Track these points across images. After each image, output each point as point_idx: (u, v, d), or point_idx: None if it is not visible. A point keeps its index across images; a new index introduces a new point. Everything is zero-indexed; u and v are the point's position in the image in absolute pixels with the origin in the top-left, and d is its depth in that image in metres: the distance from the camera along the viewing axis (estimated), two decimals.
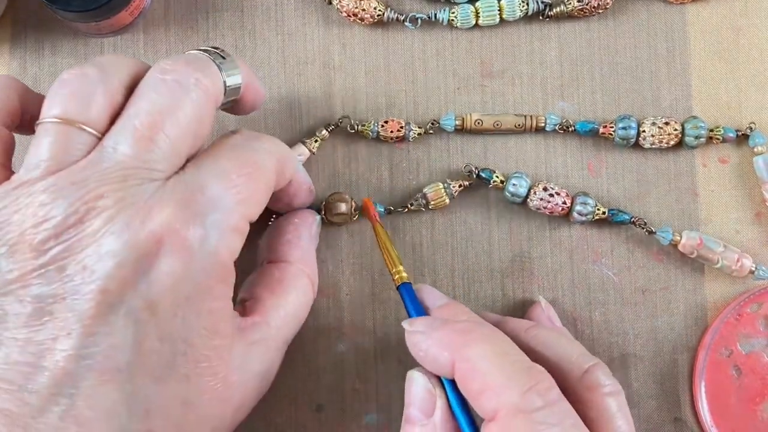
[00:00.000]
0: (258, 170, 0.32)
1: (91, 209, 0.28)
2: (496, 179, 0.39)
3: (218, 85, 0.32)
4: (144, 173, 0.29)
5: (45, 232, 0.28)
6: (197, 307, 0.30)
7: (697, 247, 0.38)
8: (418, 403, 0.31)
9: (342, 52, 0.40)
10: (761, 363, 0.39)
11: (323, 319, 0.39)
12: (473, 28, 0.40)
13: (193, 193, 0.30)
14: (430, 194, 0.39)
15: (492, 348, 0.30)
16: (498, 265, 0.40)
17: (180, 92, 0.30)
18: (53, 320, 0.28)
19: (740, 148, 0.40)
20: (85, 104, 0.30)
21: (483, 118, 0.39)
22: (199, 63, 0.32)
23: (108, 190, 0.29)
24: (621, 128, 0.39)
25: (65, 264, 0.28)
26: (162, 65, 0.31)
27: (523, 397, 0.28)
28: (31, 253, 0.28)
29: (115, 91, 0.31)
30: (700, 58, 0.40)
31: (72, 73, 0.30)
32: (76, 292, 0.28)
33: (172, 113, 0.30)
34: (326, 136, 0.39)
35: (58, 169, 0.29)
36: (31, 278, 0.28)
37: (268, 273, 0.35)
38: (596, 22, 0.41)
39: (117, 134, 0.30)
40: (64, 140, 0.29)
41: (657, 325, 0.39)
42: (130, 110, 0.30)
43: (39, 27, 0.40)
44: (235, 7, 0.40)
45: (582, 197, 0.38)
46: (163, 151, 0.30)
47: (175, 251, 0.29)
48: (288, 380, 0.39)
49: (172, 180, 0.30)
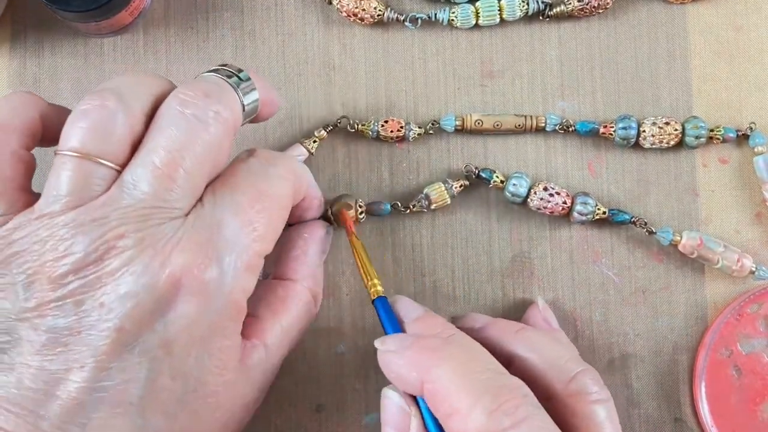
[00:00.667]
0: (274, 201, 0.32)
1: (112, 248, 0.28)
2: (496, 179, 0.39)
3: (237, 113, 0.32)
4: (164, 212, 0.29)
5: (65, 267, 0.28)
6: (210, 347, 0.30)
7: (698, 247, 0.38)
8: (392, 421, 0.31)
9: (342, 52, 0.40)
10: (761, 363, 0.39)
11: (323, 319, 0.39)
12: (473, 28, 0.40)
13: (211, 233, 0.30)
14: (432, 195, 0.39)
15: (459, 367, 0.29)
16: (498, 265, 0.40)
17: (199, 127, 0.30)
18: (67, 352, 0.28)
19: (740, 148, 0.40)
20: (104, 138, 0.30)
21: (483, 119, 0.39)
22: (218, 93, 0.31)
23: (128, 229, 0.29)
24: (621, 128, 0.39)
25: (83, 299, 0.28)
26: (181, 96, 0.31)
27: (490, 418, 0.28)
28: (50, 285, 0.28)
29: (135, 120, 0.30)
30: (700, 58, 0.40)
31: (91, 103, 0.30)
32: (92, 328, 0.28)
33: (191, 149, 0.30)
34: (324, 136, 0.39)
35: (79, 204, 0.29)
36: (47, 309, 0.28)
37: (272, 290, 0.35)
38: (596, 22, 0.41)
39: (136, 170, 0.30)
40: (83, 175, 0.29)
41: (657, 325, 0.39)
42: (149, 144, 0.30)
43: (39, 27, 0.40)
44: (235, 7, 0.40)
45: (582, 197, 0.38)
46: (182, 189, 0.30)
47: (193, 294, 0.29)
48: (288, 380, 0.39)
49: (190, 217, 0.30)
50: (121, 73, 0.34)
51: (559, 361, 0.32)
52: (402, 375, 0.31)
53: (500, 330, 0.34)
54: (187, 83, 0.32)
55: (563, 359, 0.32)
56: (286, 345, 0.34)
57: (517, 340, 0.33)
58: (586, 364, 0.32)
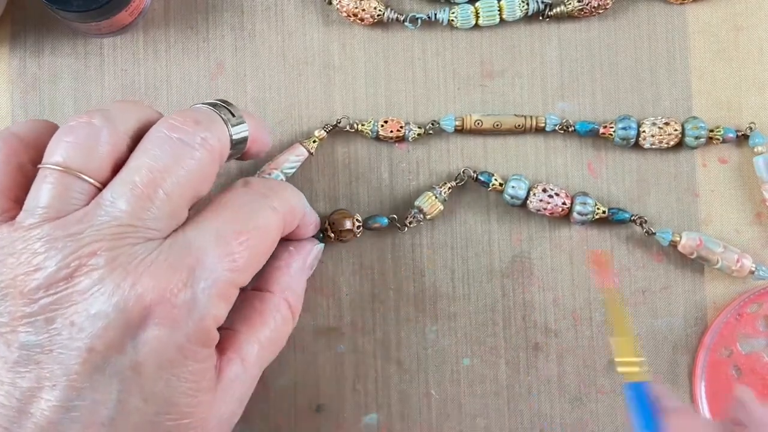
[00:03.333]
0: (261, 236, 0.31)
1: (83, 266, 0.28)
2: (495, 182, 0.39)
3: (224, 142, 0.32)
4: (140, 231, 0.29)
5: (35, 281, 0.28)
6: (180, 369, 0.30)
7: (697, 247, 0.38)
8: None
9: (342, 52, 0.40)
10: (761, 363, 0.39)
11: (323, 319, 0.39)
12: (473, 28, 0.40)
13: (189, 258, 0.29)
14: (425, 207, 0.38)
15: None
16: (498, 265, 0.40)
17: (184, 151, 0.30)
18: (39, 369, 0.28)
19: (740, 148, 0.40)
20: (87, 154, 0.30)
21: (483, 119, 0.39)
22: (207, 121, 0.31)
23: (101, 247, 0.28)
24: (621, 128, 0.39)
25: (53, 317, 0.28)
26: (171, 121, 0.31)
27: None
28: (21, 299, 0.28)
29: (119, 141, 0.30)
30: (700, 58, 0.40)
31: (78, 120, 0.30)
32: (64, 347, 0.28)
33: (173, 172, 0.30)
34: (324, 136, 0.39)
35: (56, 217, 0.29)
36: (19, 325, 0.28)
37: (249, 303, 0.34)
38: (596, 22, 0.40)
39: (116, 188, 0.29)
40: (63, 188, 0.29)
41: (657, 326, 0.39)
42: (132, 163, 0.30)
43: (39, 27, 0.40)
44: (235, 7, 0.40)
45: (581, 197, 0.38)
46: (160, 211, 0.30)
47: (164, 318, 0.29)
48: (288, 380, 0.39)
49: (168, 241, 0.30)
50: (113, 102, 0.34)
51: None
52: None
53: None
54: (177, 111, 0.32)
55: None
56: (264, 358, 0.34)
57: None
58: None
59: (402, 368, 0.39)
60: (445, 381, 0.39)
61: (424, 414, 0.39)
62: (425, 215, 0.39)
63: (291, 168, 0.39)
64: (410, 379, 0.39)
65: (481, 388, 0.39)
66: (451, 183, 0.39)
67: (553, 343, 0.39)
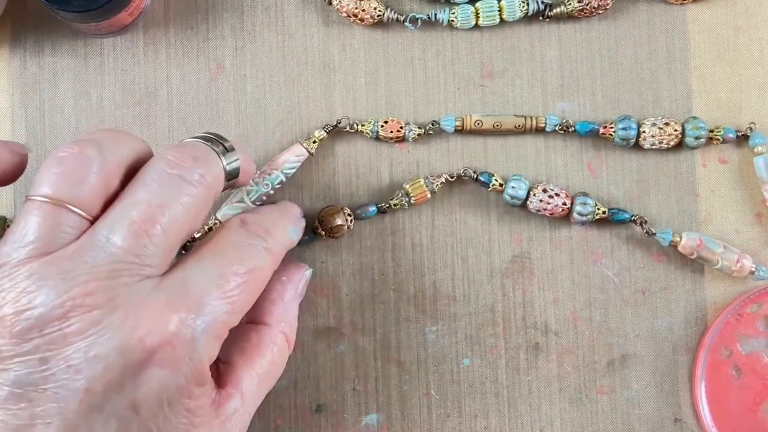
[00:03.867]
0: (256, 278, 0.31)
1: (78, 306, 0.27)
2: (495, 182, 0.39)
3: (220, 178, 0.32)
4: (136, 269, 0.28)
5: (26, 322, 0.27)
6: (178, 407, 0.29)
7: (697, 247, 0.38)
8: None
9: (342, 52, 0.40)
10: (761, 363, 0.39)
11: (323, 319, 0.39)
12: (473, 28, 0.40)
13: (188, 297, 0.29)
14: (411, 191, 0.38)
15: None
16: (498, 265, 0.40)
17: (182, 188, 0.30)
18: (32, 407, 0.27)
19: (740, 148, 0.40)
20: (77, 185, 0.29)
21: (483, 119, 0.39)
22: (204, 158, 0.31)
23: (98, 287, 0.28)
24: (621, 129, 0.39)
25: (47, 357, 0.27)
26: (169, 158, 0.30)
27: None
28: (12, 339, 0.27)
29: (111, 173, 0.30)
30: (700, 58, 0.40)
31: (68, 150, 0.29)
32: (60, 387, 0.27)
33: (171, 208, 0.29)
34: (324, 136, 0.39)
35: (45, 252, 0.28)
36: (10, 363, 0.27)
37: (246, 336, 0.34)
38: (596, 22, 0.40)
39: (111, 223, 0.29)
40: (52, 222, 0.28)
41: (657, 326, 0.39)
42: (128, 199, 0.29)
43: (39, 27, 0.40)
44: (235, 7, 0.40)
45: (581, 197, 0.38)
46: (157, 247, 0.29)
47: (164, 360, 0.28)
48: (288, 380, 0.39)
49: (167, 279, 0.29)
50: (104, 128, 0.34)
51: None
52: None
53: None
54: (173, 147, 0.31)
55: None
56: (262, 390, 0.34)
57: None
58: None
59: (402, 368, 0.39)
60: (445, 381, 0.39)
61: (424, 414, 0.39)
62: (410, 198, 0.38)
63: (291, 168, 0.39)
64: (410, 379, 0.39)
65: (481, 388, 0.39)
66: (445, 175, 0.39)
67: (553, 343, 0.39)
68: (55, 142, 0.40)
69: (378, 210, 0.39)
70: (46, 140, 0.40)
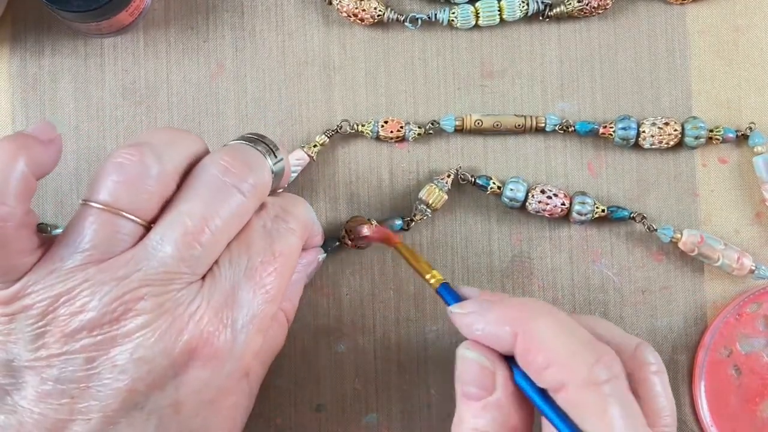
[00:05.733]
0: (286, 261, 0.32)
1: (129, 310, 0.28)
2: (493, 185, 0.39)
3: (268, 183, 0.32)
4: (185, 277, 0.29)
5: (78, 323, 0.28)
6: (217, 406, 0.30)
7: (698, 244, 0.38)
8: (474, 380, 0.30)
9: (342, 52, 0.40)
10: (761, 363, 0.39)
11: (323, 319, 0.39)
12: (473, 28, 0.40)
13: (226, 298, 0.30)
14: (429, 199, 0.38)
15: (557, 321, 0.29)
16: (498, 265, 0.40)
17: (236, 197, 0.30)
18: (73, 404, 0.28)
19: (740, 148, 0.40)
20: (137, 194, 0.29)
21: (483, 119, 0.39)
22: (257, 166, 0.31)
23: (149, 292, 0.28)
24: (621, 128, 0.39)
25: (94, 356, 0.28)
26: (223, 163, 0.31)
27: (591, 371, 0.28)
28: (62, 338, 0.28)
29: (169, 179, 0.30)
30: (700, 58, 0.40)
31: (128, 157, 0.30)
32: (103, 385, 0.28)
33: (222, 216, 0.30)
34: (326, 141, 0.39)
35: (101, 259, 0.29)
36: (56, 361, 0.28)
37: None
38: (596, 22, 0.40)
39: (164, 231, 0.29)
40: (110, 230, 0.29)
41: (657, 325, 0.39)
42: (182, 206, 0.30)
43: (39, 27, 0.40)
44: (235, 7, 0.40)
45: (580, 197, 0.38)
46: (206, 254, 0.30)
47: (207, 360, 0.29)
48: (288, 380, 0.39)
49: (207, 282, 0.30)
50: (159, 129, 0.34)
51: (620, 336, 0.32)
52: (491, 331, 0.30)
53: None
54: (228, 151, 0.31)
55: (621, 334, 0.32)
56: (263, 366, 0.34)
57: (577, 320, 0.32)
58: (640, 338, 0.32)
59: (402, 368, 0.39)
60: (445, 381, 0.39)
61: (424, 414, 0.39)
62: (430, 207, 0.38)
63: (292, 173, 0.38)
64: (410, 379, 0.39)
65: None
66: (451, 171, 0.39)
67: None
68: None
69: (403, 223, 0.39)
70: None
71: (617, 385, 0.28)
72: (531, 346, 0.29)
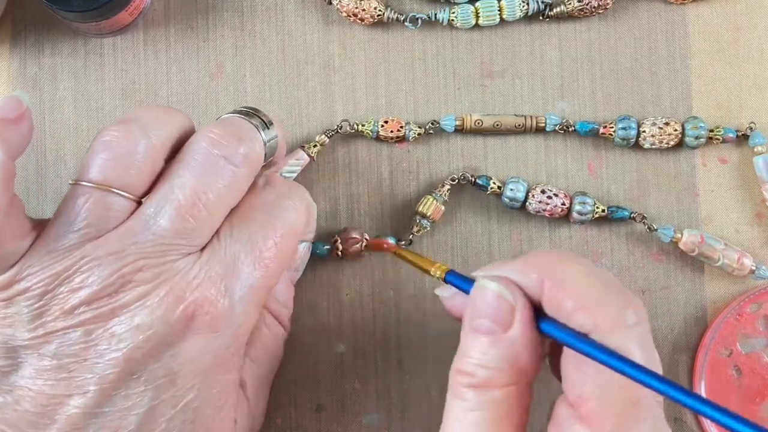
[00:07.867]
0: (287, 236, 0.32)
1: (128, 282, 0.29)
2: (494, 185, 0.39)
3: (261, 155, 0.32)
4: (181, 248, 0.29)
5: (77, 299, 0.28)
6: (211, 380, 0.30)
7: (699, 244, 0.38)
8: (490, 312, 0.28)
9: (342, 52, 0.40)
10: (761, 363, 0.39)
11: (323, 319, 0.39)
12: (473, 28, 0.40)
13: (226, 269, 0.30)
14: (428, 212, 0.38)
15: (584, 267, 0.29)
16: None
17: (227, 168, 0.30)
18: (70, 378, 0.28)
19: (740, 148, 0.40)
20: (126, 170, 0.30)
21: (483, 119, 0.39)
22: (248, 137, 0.32)
23: (145, 264, 0.29)
24: (621, 128, 0.39)
25: (92, 329, 0.28)
26: (212, 136, 0.31)
27: (620, 313, 0.27)
28: (61, 315, 0.28)
29: (157, 154, 0.30)
30: (700, 58, 0.40)
31: (115, 135, 0.30)
32: (100, 356, 0.28)
33: (215, 189, 0.30)
34: (326, 141, 0.39)
35: (96, 236, 0.29)
36: (54, 336, 0.28)
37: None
38: (596, 22, 0.40)
39: (158, 204, 0.29)
40: (102, 207, 0.29)
41: (657, 325, 0.39)
42: (174, 180, 0.30)
43: (39, 27, 0.40)
44: (235, 7, 0.40)
45: (580, 197, 0.38)
46: (201, 227, 0.30)
47: (203, 328, 0.29)
48: (288, 380, 0.39)
49: (206, 252, 0.30)
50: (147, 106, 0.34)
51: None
52: (518, 281, 0.29)
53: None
54: (218, 123, 0.32)
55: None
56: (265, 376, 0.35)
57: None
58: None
59: (402, 368, 0.39)
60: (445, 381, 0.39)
61: (424, 414, 0.39)
62: (429, 218, 0.39)
63: (291, 172, 0.38)
64: (410, 379, 0.39)
65: None
66: (448, 182, 0.39)
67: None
68: (55, 142, 0.40)
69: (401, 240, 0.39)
70: (46, 140, 0.40)
71: (644, 329, 0.28)
72: (560, 291, 0.28)
